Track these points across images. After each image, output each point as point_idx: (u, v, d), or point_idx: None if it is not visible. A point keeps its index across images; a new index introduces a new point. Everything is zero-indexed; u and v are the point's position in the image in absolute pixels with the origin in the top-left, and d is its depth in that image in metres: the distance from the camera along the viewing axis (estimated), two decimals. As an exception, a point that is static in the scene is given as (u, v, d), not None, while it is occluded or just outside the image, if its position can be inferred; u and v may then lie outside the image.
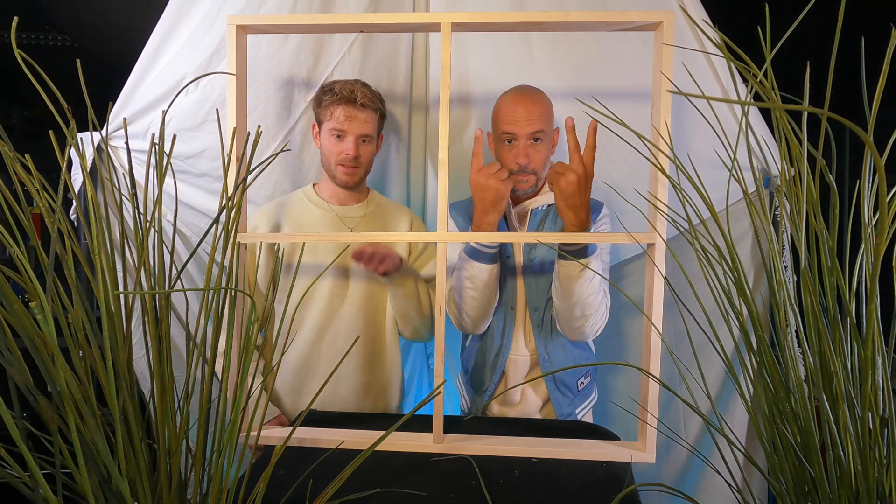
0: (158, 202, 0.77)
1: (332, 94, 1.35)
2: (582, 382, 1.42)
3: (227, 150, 0.97)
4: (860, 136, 0.46)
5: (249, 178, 0.92)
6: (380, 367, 1.46)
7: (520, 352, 1.39)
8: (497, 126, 1.31)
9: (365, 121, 1.36)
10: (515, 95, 1.30)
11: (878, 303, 0.61)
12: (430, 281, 1.47)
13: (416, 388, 2.11)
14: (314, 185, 1.48)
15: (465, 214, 1.43)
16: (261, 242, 1.39)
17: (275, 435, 1.17)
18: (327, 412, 1.37)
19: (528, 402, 1.42)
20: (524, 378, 1.40)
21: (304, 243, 1.08)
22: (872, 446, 0.62)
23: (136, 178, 0.83)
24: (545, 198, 1.37)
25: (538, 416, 1.42)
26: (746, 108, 0.78)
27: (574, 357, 1.39)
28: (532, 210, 1.37)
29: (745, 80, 1.09)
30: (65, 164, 0.76)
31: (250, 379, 0.84)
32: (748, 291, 0.73)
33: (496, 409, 1.44)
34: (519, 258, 1.38)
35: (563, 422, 1.37)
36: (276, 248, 1.37)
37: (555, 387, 1.39)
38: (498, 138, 1.31)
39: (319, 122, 1.40)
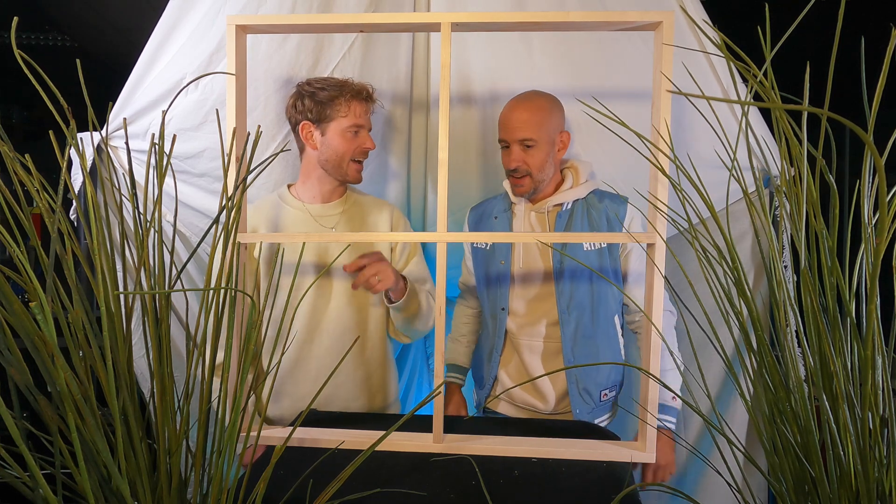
0: (158, 202, 0.77)
1: (345, 91, 1.34)
2: (606, 394, 1.40)
3: (227, 150, 0.97)
4: (860, 136, 0.46)
5: (249, 178, 0.92)
6: (372, 363, 1.45)
7: (534, 335, 1.41)
8: (498, 132, 1.38)
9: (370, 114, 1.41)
10: (514, 102, 1.35)
11: (878, 303, 0.61)
12: (418, 281, 1.44)
13: (416, 388, 2.11)
14: (289, 186, 1.46)
15: (477, 217, 1.49)
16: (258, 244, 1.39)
17: (275, 435, 1.17)
18: (327, 412, 1.37)
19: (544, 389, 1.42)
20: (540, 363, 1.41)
21: (303, 244, 1.07)
22: (872, 446, 0.62)
23: (136, 178, 0.83)
24: (564, 195, 1.38)
25: (554, 403, 1.41)
26: (746, 108, 0.78)
27: (600, 348, 1.39)
28: (557, 213, 1.39)
29: (745, 80, 1.09)
30: (65, 164, 0.76)
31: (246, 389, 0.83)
32: (748, 291, 0.73)
33: (517, 398, 1.45)
34: (548, 262, 1.39)
35: (564, 422, 1.37)
36: (277, 250, 1.36)
37: (577, 391, 1.38)
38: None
39: (321, 121, 1.35)
